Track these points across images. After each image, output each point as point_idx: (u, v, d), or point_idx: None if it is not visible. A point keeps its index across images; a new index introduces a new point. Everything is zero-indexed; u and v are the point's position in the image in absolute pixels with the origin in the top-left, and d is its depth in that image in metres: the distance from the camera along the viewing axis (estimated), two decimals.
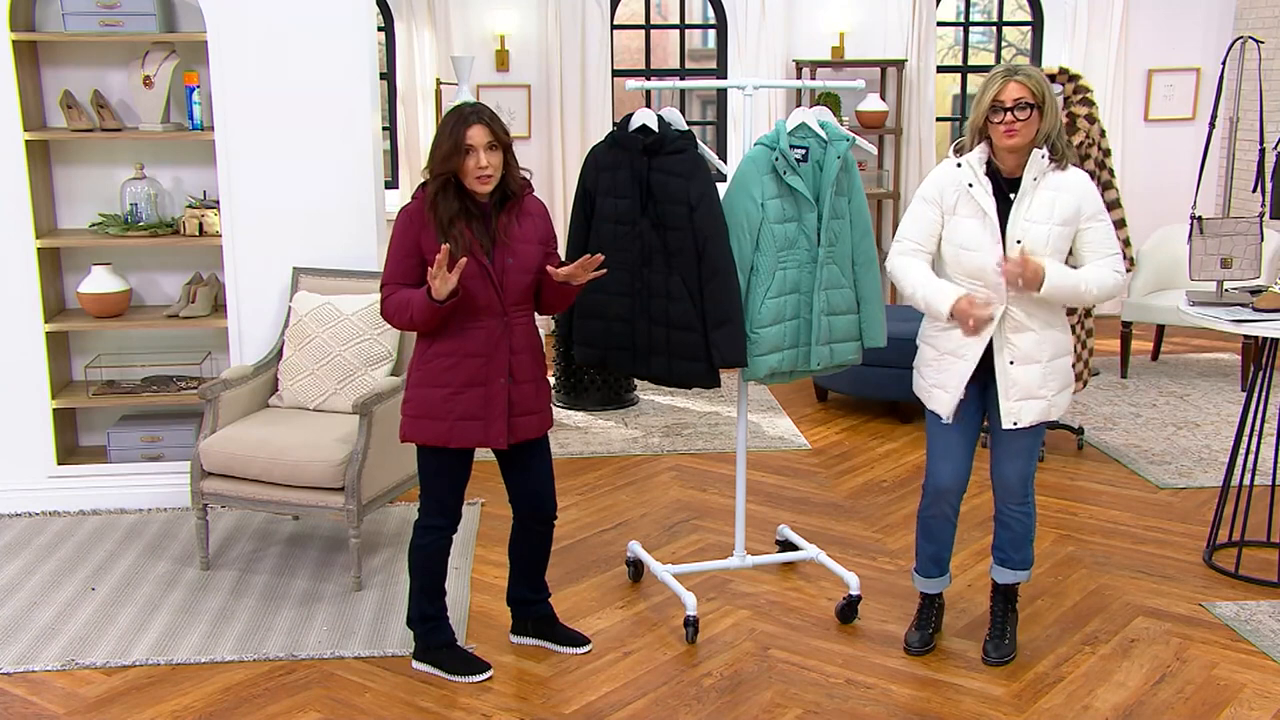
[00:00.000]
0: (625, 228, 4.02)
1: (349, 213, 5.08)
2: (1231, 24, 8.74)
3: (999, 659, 3.89)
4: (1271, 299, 4.47)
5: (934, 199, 3.68)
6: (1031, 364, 3.64)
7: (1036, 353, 3.64)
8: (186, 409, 5.32)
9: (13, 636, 4.06)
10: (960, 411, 3.72)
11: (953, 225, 3.65)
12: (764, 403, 6.86)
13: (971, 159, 3.61)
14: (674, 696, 3.70)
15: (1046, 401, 3.67)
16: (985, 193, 3.58)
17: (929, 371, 3.77)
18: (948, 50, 10.51)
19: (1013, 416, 3.66)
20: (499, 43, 8.43)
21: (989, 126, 3.54)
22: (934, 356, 3.74)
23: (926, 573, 3.99)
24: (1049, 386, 3.67)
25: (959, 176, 3.62)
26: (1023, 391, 3.64)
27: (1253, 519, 4.78)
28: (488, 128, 3.44)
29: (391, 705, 3.64)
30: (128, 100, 5.15)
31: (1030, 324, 3.61)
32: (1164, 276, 7.47)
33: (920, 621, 4.02)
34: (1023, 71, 3.51)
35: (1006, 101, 3.47)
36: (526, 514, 3.85)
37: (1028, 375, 3.64)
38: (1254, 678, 3.78)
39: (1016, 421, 3.66)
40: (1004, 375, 3.64)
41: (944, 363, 3.70)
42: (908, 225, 3.75)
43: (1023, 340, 3.62)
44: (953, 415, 3.71)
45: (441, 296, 3.38)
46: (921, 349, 3.82)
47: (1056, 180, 3.57)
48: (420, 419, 3.61)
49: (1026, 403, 3.65)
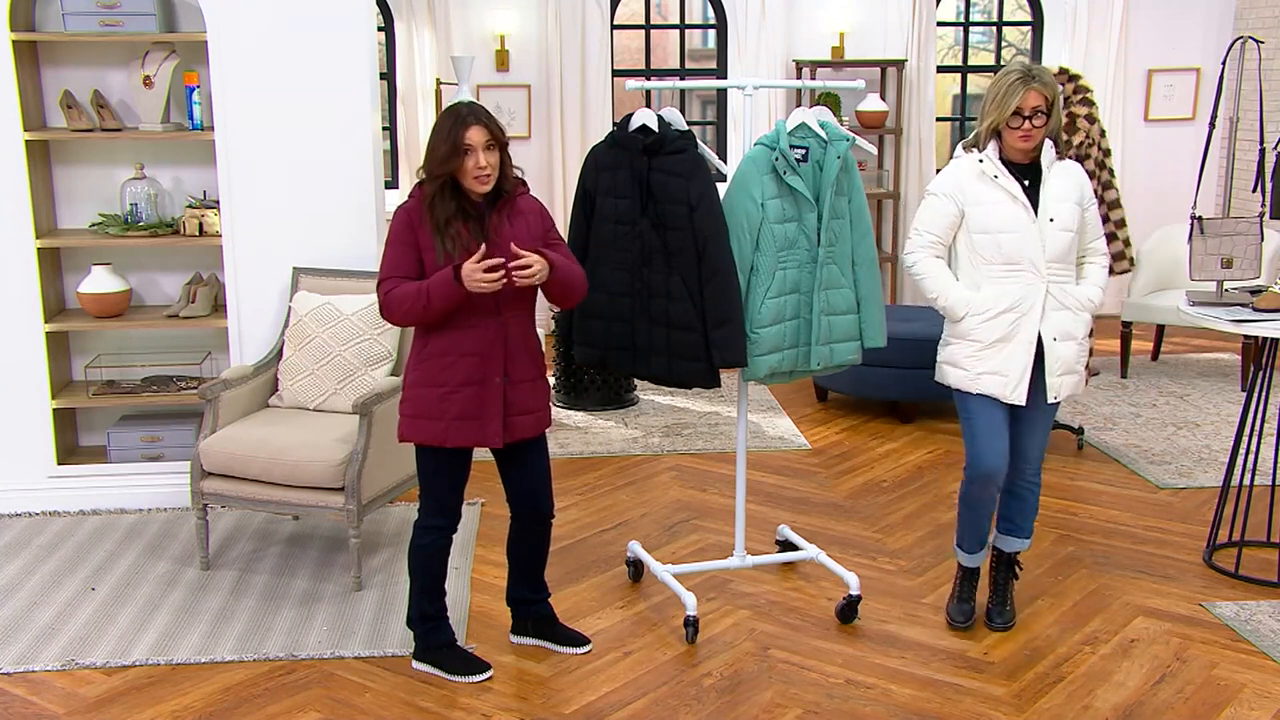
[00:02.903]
0: (625, 228, 4.02)
1: (349, 213, 5.08)
2: (1231, 24, 8.74)
3: (1004, 624, 4.08)
4: (1271, 299, 4.47)
5: (951, 193, 3.85)
6: (1070, 340, 3.86)
7: (1074, 329, 3.87)
8: (186, 409, 5.32)
9: (13, 636, 4.06)
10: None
11: (980, 214, 3.81)
12: (764, 403, 6.86)
13: (990, 154, 3.80)
14: (674, 696, 3.70)
15: (1079, 375, 3.92)
16: (1011, 181, 3.79)
17: (973, 362, 3.88)
18: (948, 50, 10.50)
19: (1055, 390, 3.87)
20: (499, 43, 8.43)
21: (1006, 130, 3.73)
22: (979, 348, 3.86)
23: (971, 549, 4.11)
24: (1081, 361, 3.91)
25: (982, 169, 3.80)
26: (1064, 366, 3.86)
27: (1253, 519, 4.78)
28: (485, 128, 3.44)
29: (391, 705, 3.64)
30: (128, 100, 5.15)
31: (1067, 303, 3.84)
32: (1164, 276, 7.47)
33: (964, 593, 4.15)
34: (1039, 78, 3.69)
35: (1026, 110, 3.68)
36: (524, 513, 3.85)
37: (1068, 351, 3.86)
38: (1254, 678, 3.78)
39: (1058, 395, 3.88)
40: (1051, 351, 3.83)
41: (994, 349, 3.85)
42: (927, 219, 3.91)
43: (1062, 319, 3.84)
44: (1024, 395, 3.84)
45: (476, 289, 3.39)
46: (958, 345, 3.91)
47: (1061, 169, 3.83)
48: (417, 418, 3.61)
49: (1066, 377, 3.88)
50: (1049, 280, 3.79)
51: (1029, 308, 3.79)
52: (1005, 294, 3.80)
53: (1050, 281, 3.80)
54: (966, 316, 3.85)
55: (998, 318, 3.81)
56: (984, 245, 3.80)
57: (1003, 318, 3.81)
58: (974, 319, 3.85)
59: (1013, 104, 3.66)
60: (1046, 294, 3.80)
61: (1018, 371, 3.82)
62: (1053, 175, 3.80)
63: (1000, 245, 3.78)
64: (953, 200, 3.84)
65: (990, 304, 3.81)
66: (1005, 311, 3.80)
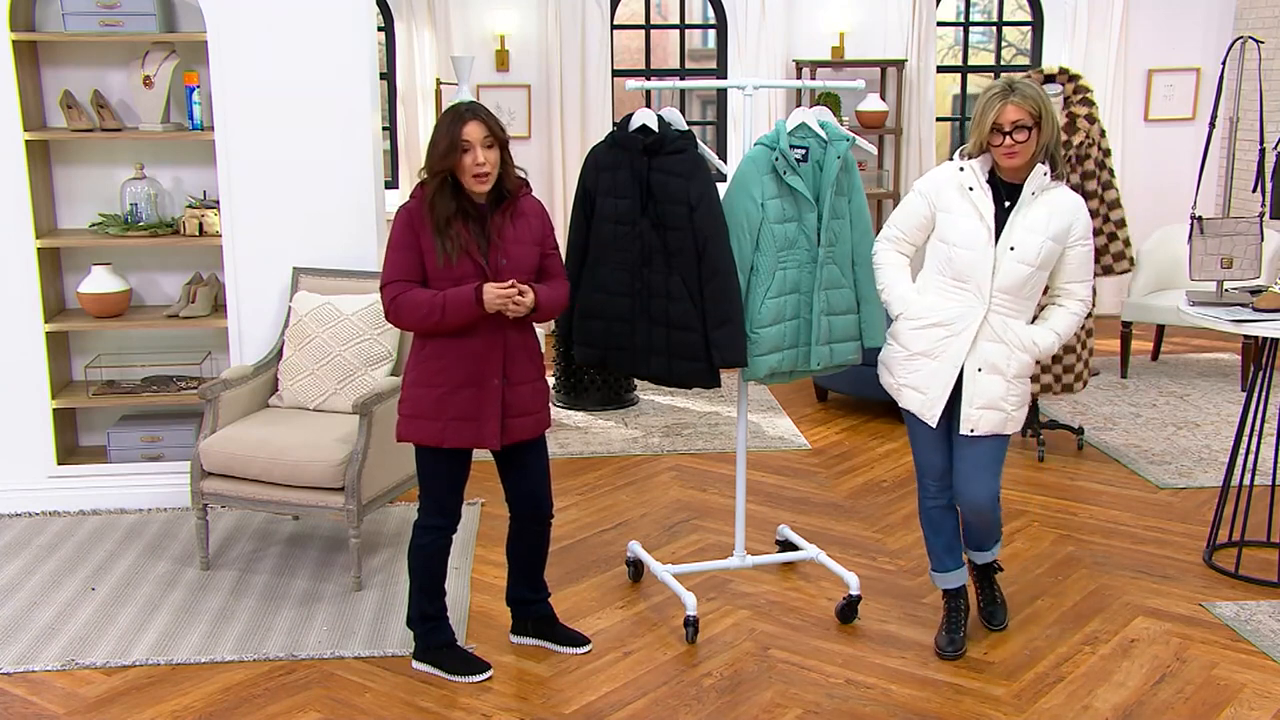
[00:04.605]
0: (625, 228, 4.01)
1: (349, 213, 5.08)
2: (1231, 24, 8.74)
3: (1002, 623, 4.07)
4: (1271, 299, 4.47)
5: (928, 195, 3.75)
6: (996, 375, 3.69)
7: (1003, 366, 3.69)
8: (186, 409, 5.32)
9: (13, 636, 4.06)
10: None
11: (947, 223, 3.69)
12: (764, 403, 6.86)
13: (974, 165, 3.67)
14: (674, 696, 3.70)
15: (1005, 415, 3.73)
16: (985, 197, 3.64)
17: (898, 370, 3.83)
18: (948, 50, 10.50)
19: (970, 423, 3.72)
20: (499, 43, 8.43)
21: (990, 147, 3.60)
22: (904, 356, 3.79)
23: (943, 567, 3.99)
24: (1010, 401, 3.72)
25: (961, 179, 3.67)
26: (985, 400, 3.70)
27: (1253, 519, 4.78)
28: (484, 124, 3.44)
29: (391, 705, 3.64)
30: (128, 100, 5.15)
31: (1005, 338, 3.67)
32: (1164, 276, 7.47)
33: (950, 624, 3.98)
34: (1019, 91, 3.53)
35: (1005, 125, 3.53)
36: (523, 513, 3.85)
37: (991, 385, 3.69)
38: (1254, 678, 3.78)
39: (974, 429, 3.72)
40: (971, 381, 3.70)
41: (914, 363, 3.77)
42: (900, 215, 3.84)
43: (994, 351, 3.68)
44: (937, 419, 3.74)
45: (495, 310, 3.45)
46: (890, 346, 3.87)
47: (1052, 198, 3.64)
48: (415, 418, 3.61)
49: (986, 412, 3.71)
50: (991, 308, 3.63)
51: (961, 329, 3.65)
52: (941, 308, 3.68)
53: (993, 310, 3.63)
54: (900, 318, 3.78)
55: (927, 329, 3.71)
56: (940, 254, 3.70)
57: (931, 331, 3.70)
58: (906, 323, 3.77)
59: (990, 117, 3.53)
60: (984, 321, 3.64)
61: (936, 391, 3.71)
62: (1034, 203, 3.60)
63: (953, 259, 3.65)
64: (928, 202, 3.74)
65: (925, 313, 3.71)
66: (935, 325, 3.69)
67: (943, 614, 4.04)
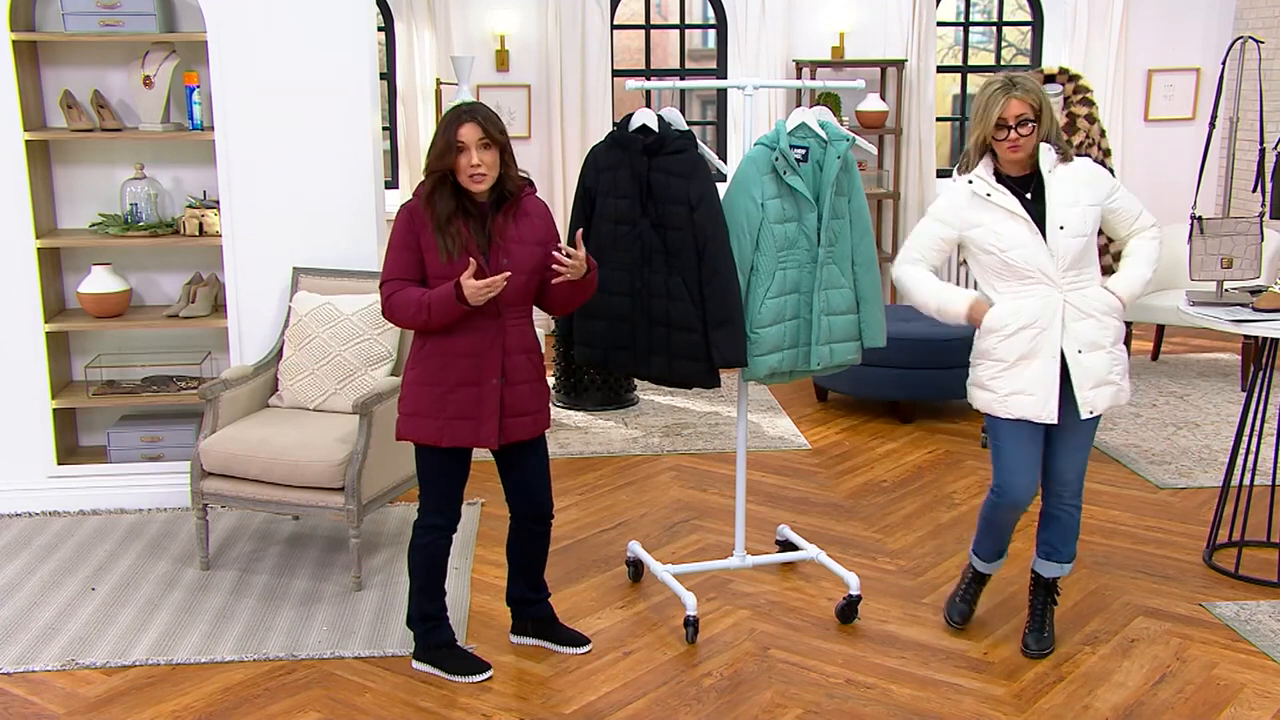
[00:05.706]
0: (625, 228, 4.02)
1: (349, 213, 5.08)
2: (1231, 24, 8.74)
3: (1039, 651, 3.92)
4: (1271, 299, 4.47)
5: (947, 219, 3.76)
6: (1098, 350, 3.70)
7: (1100, 338, 3.70)
8: (186, 409, 5.32)
9: (13, 636, 4.06)
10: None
11: (984, 235, 3.68)
12: (764, 403, 6.86)
13: (980, 173, 3.69)
14: (674, 696, 3.70)
15: (1116, 386, 3.76)
16: (1007, 194, 3.66)
17: (999, 383, 3.74)
18: (948, 50, 10.50)
19: (1089, 405, 3.71)
20: (499, 43, 8.43)
21: (994, 142, 3.62)
22: (1002, 368, 3.72)
23: (987, 558, 4.04)
24: (1116, 371, 3.75)
25: (975, 190, 3.69)
26: (1095, 379, 3.70)
27: (1253, 519, 4.78)
28: (480, 126, 3.44)
29: (391, 705, 3.64)
30: (128, 100, 5.15)
31: (1090, 310, 3.68)
32: (1164, 276, 7.45)
33: (966, 593, 4.10)
34: (1020, 85, 3.57)
35: (1010, 120, 3.56)
36: (522, 513, 3.85)
37: (1097, 361, 3.70)
38: (1254, 678, 3.78)
39: (1093, 410, 3.71)
40: (1076, 365, 3.68)
41: (1018, 368, 3.70)
42: (916, 240, 3.85)
43: (1085, 329, 3.68)
44: (1055, 413, 3.70)
45: (479, 304, 3.43)
46: (982, 365, 3.79)
47: (1068, 173, 3.67)
48: (414, 417, 3.61)
49: (1100, 389, 3.72)
50: (1066, 290, 3.65)
51: (1048, 322, 3.64)
52: (1022, 310, 3.65)
53: (1068, 291, 3.65)
54: (983, 334, 3.73)
55: (1017, 334, 3.66)
56: (993, 265, 3.69)
57: (1022, 334, 3.66)
58: (992, 336, 3.72)
59: (995, 113, 3.55)
60: (1065, 304, 3.65)
61: (1045, 389, 3.67)
62: (1056, 180, 3.64)
63: (1008, 263, 3.64)
64: (948, 225, 3.74)
65: (1007, 320, 3.67)
66: (1023, 328, 3.65)
67: (959, 582, 4.13)
